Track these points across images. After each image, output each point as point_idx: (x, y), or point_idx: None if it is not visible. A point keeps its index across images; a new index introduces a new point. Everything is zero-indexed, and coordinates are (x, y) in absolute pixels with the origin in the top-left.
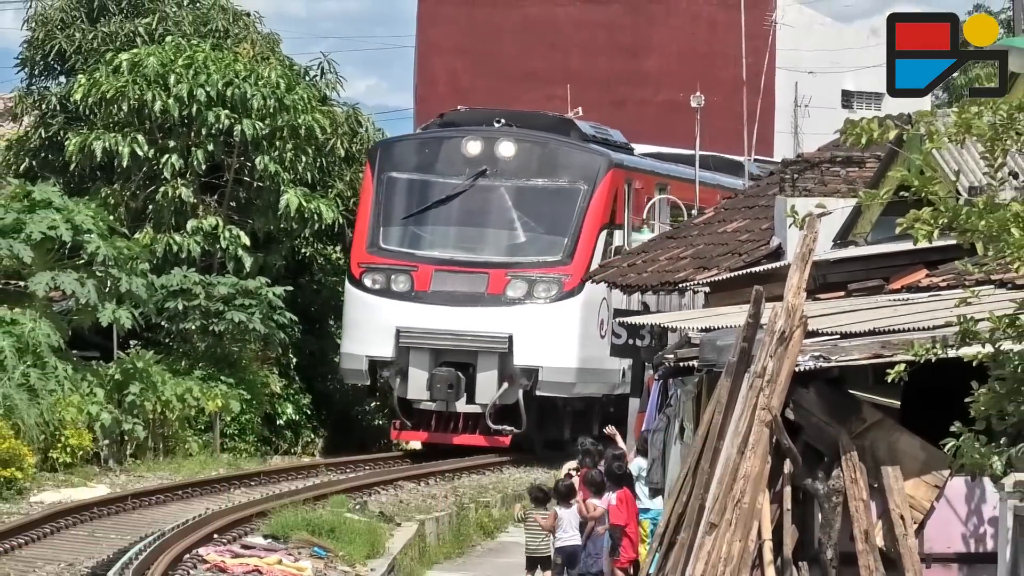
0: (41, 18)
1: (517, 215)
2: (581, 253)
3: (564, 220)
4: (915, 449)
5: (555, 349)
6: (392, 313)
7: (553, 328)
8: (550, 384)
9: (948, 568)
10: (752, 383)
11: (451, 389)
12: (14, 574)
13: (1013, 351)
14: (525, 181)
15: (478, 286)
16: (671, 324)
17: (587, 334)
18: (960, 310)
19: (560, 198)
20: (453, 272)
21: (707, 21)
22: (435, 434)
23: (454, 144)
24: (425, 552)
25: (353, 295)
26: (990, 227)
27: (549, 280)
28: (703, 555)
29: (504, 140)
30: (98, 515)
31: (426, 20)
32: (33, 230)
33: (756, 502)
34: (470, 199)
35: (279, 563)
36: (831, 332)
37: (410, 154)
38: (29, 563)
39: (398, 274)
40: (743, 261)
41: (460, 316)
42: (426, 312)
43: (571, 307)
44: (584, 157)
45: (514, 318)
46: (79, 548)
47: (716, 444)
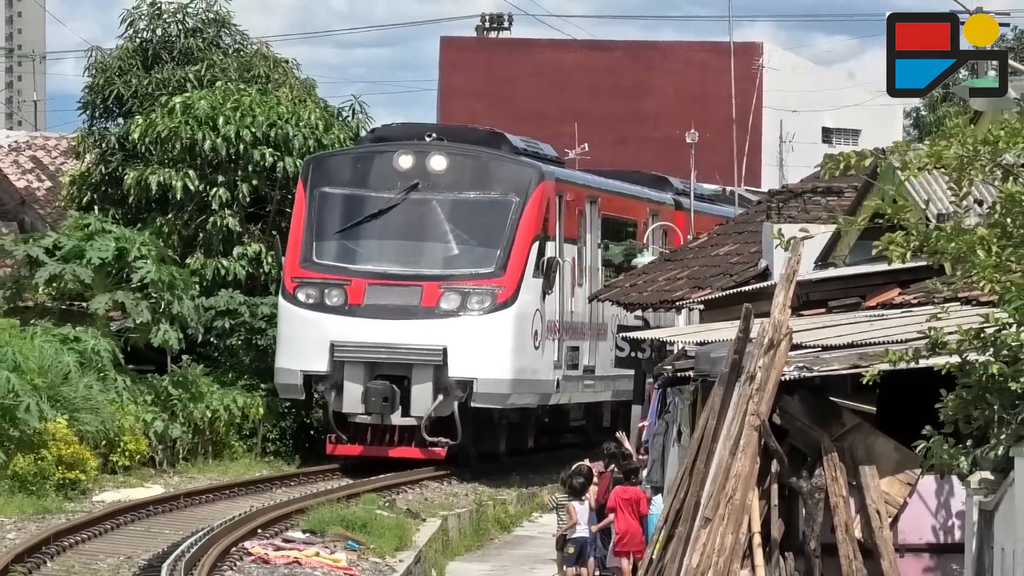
0: (101, 65)
1: (450, 228)
2: (514, 265)
3: (496, 232)
4: (889, 450)
5: (489, 360)
6: (326, 327)
7: (487, 340)
8: (485, 396)
9: (920, 557)
10: (742, 391)
11: (386, 402)
12: (78, 566)
13: (978, 361)
14: (457, 194)
15: (412, 299)
16: (669, 338)
17: (521, 345)
18: (930, 324)
19: (492, 210)
20: (387, 286)
21: (700, 66)
22: (370, 447)
23: (386, 158)
24: (448, 545)
25: (287, 310)
26: (957, 249)
27: (482, 292)
28: (699, 546)
29: (436, 154)
30: (153, 512)
31: (448, 66)
32: (92, 256)
33: (746, 498)
34: (403, 213)
35: (316, 555)
36: (813, 345)
37: (342, 169)
38: (92, 556)
39: (332, 288)
40: (734, 281)
41: (394, 329)
42: (360, 326)
43: (505, 318)
44: (515, 169)
45: (448, 330)
46: (136, 542)
47: (710, 446)
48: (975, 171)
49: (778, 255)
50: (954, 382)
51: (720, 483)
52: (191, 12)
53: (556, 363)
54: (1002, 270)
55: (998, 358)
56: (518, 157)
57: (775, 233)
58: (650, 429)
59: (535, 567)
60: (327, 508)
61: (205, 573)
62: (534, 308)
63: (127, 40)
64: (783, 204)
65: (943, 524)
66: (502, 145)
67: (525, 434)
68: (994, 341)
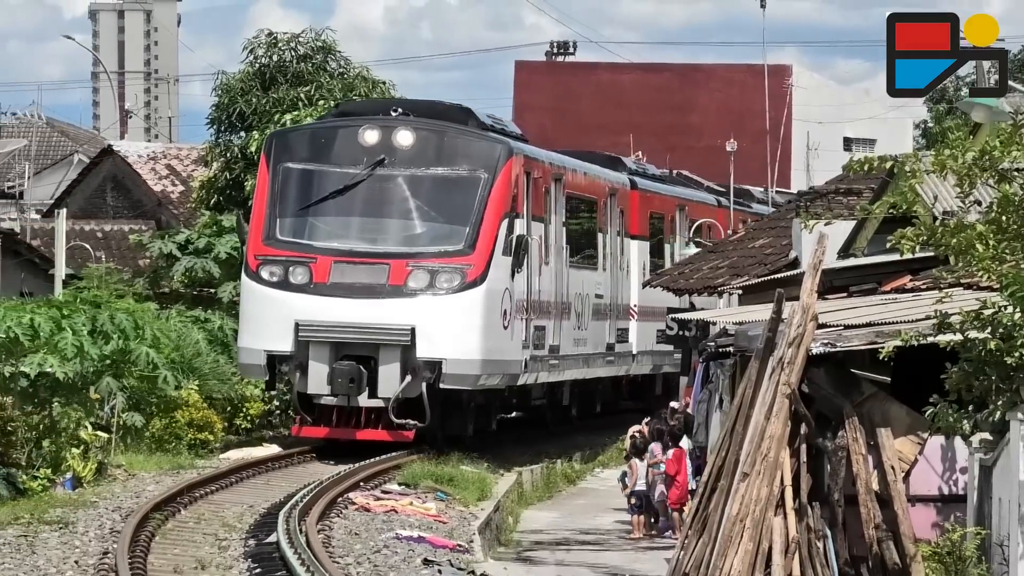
0: (225, 87)
1: (417, 204)
2: (483, 242)
3: (465, 209)
4: (902, 415)
5: (459, 341)
6: (290, 306)
7: (456, 319)
8: (454, 376)
9: (928, 507)
10: (775, 364)
11: (352, 383)
12: (208, 513)
13: (978, 339)
14: (425, 170)
15: (379, 277)
16: (712, 319)
17: (491, 325)
18: (936, 307)
19: (461, 187)
20: (353, 263)
21: (739, 85)
22: (336, 429)
23: (351, 133)
24: (522, 496)
25: (250, 288)
26: (960, 243)
27: (451, 270)
28: (738, 498)
29: (402, 129)
30: (271, 468)
31: (521, 86)
32: (220, 250)
33: (779, 456)
34: (369, 189)
35: (410, 504)
36: (836, 324)
37: (306, 144)
38: (219, 505)
39: (296, 266)
40: (768, 270)
41: (361, 308)
42: (326, 304)
43: (474, 298)
44: (484, 145)
45: (416, 310)
46: (257, 493)
47: (748, 412)
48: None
49: (806, 246)
50: (957, 356)
51: (756, 443)
52: (302, 41)
53: (524, 343)
54: (998, 261)
55: (995, 336)
56: (486, 133)
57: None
58: (696, 397)
59: (597, 515)
60: (419, 465)
61: (315, 519)
62: (504, 287)
63: (248, 65)
64: (810, 203)
65: (948, 478)
66: (469, 120)
67: (490, 415)
68: (992, 321)
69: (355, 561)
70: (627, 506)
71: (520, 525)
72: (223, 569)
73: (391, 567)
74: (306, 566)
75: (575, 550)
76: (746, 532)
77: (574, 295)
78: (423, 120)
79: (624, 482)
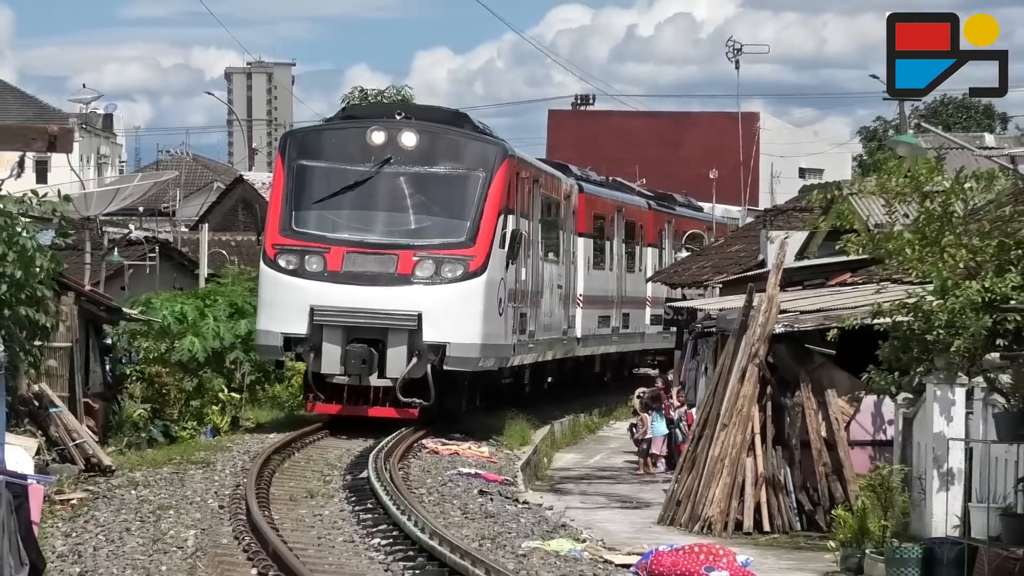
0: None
1: (422, 200)
2: (483, 236)
3: (467, 205)
4: (844, 380)
5: (461, 326)
6: (306, 292)
7: (459, 306)
8: (457, 359)
9: (864, 449)
10: (747, 341)
11: (364, 364)
12: (315, 455)
13: (904, 322)
14: (428, 168)
15: (388, 267)
16: (699, 306)
17: (489, 312)
18: (872, 298)
19: (462, 184)
20: (364, 253)
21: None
22: (348, 406)
23: (360, 133)
24: (555, 442)
25: (268, 275)
26: (892, 248)
27: (455, 261)
28: (719, 443)
29: (407, 130)
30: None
31: (552, 129)
32: None
33: (750, 411)
34: (378, 185)
35: (469, 448)
36: (794, 311)
37: (318, 143)
38: (323, 449)
39: (311, 255)
40: (741, 268)
41: (372, 295)
42: (339, 291)
43: (476, 286)
44: (482, 146)
45: (423, 297)
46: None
47: (726, 377)
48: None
49: (771, 251)
50: (887, 335)
51: (733, 401)
52: (386, 95)
53: (513, 329)
54: (921, 261)
55: (917, 319)
56: (482, 135)
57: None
58: (687, 366)
59: (612, 456)
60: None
61: (397, 459)
62: (500, 277)
63: None
64: (773, 218)
65: (879, 427)
66: (464, 124)
67: (475, 393)
68: (915, 308)
69: (426, 491)
70: (636, 450)
71: (552, 464)
72: (326, 497)
73: (454, 496)
74: (389, 495)
75: (594, 483)
76: (725, 469)
77: (545, 286)
78: (425, 123)
79: (633, 432)
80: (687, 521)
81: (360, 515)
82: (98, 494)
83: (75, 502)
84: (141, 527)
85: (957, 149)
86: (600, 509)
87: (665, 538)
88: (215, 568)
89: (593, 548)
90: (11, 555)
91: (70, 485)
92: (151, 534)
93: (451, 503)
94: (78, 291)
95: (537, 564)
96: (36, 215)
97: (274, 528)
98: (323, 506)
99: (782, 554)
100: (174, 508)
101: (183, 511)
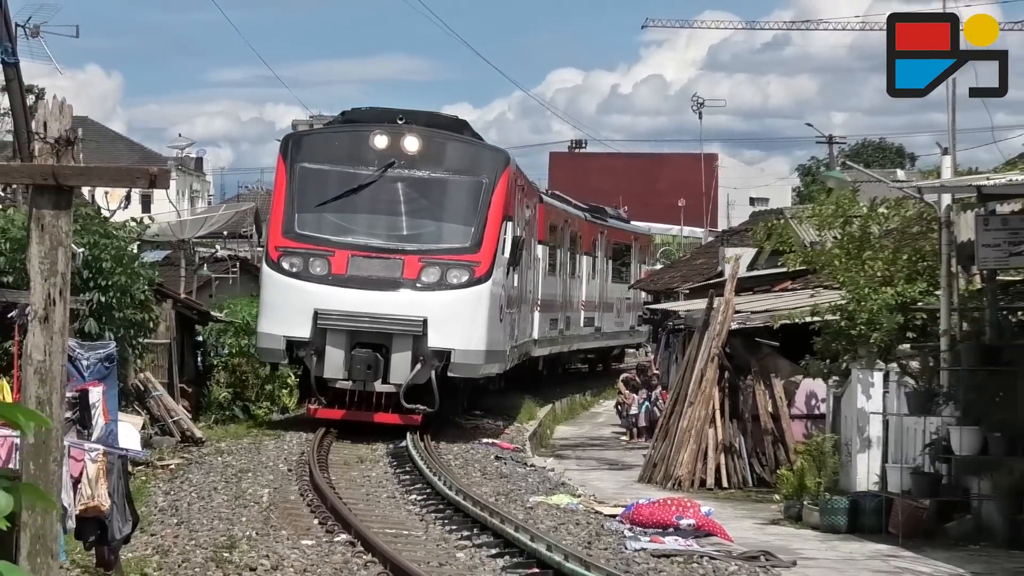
0: None
1: (427, 205)
2: (488, 242)
3: (472, 211)
4: (787, 366)
5: (466, 333)
6: (310, 295)
7: (465, 313)
8: (461, 366)
9: (802, 421)
10: (709, 336)
11: (370, 370)
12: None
13: (833, 319)
14: (432, 173)
15: (393, 271)
16: (671, 308)
17: (493, 319)
18: (809, 300)
19: (467, 190)
20: (369, 258)
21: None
22: (352, 412)
23: (362, 137)
24: (555, 418)
25: (271, 277)
26: (824, 261)
27: (461, 267)
28: (686, 417)
29: (410, 135)
30: None
31: (553, 169)
32: None
33: (712, 391)
34: (382, 189)
35: (487, 423)
36: (746, 311)
37: (321, 146)
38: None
39: (315, 258)
40: (704, 278)
41: (377, 299)
42: (343, 295)
43: (481, 293)
44: (486, 153)
45: (428, 302)
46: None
47: (693, 364)
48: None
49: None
50: (821, 330)
51: (697, 383)
52: None
53: (509, 335)
54: (847, 272)
55: (843, 318)
56: (484, 142)
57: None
58: (661, 356)
59: (602, 428)
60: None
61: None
62: (502, 283)
63: None
64: (729, 238)
65: (815, 403)
66: (464, 131)
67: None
68: (841, 309)
69: (453, 457)
70: (620, 423)
71: (553, 435)
72: (372, 462)
73: (476, 460)
74: (424, 459)
75: (588, 449)
76: (692, 438)
77: (524, 292)
78: (428, 128)
79: (618, 408)
80: (662, 480)
81: (400, 476)
82: (191, 460)
83: (173, 467)
84: (226, 486)
85: (875, 182)
86: (592, 471)
87: (644, 493)
88: (285, 519)
89: (587, 501)
90: (119, 513)
91: (169, 453)
92: (234, 492)
93: (473, 466)
94: (175, 298)
95: (542, 515)
96: (147, 239)
97: (331, 487)
98: (371, 469)
99: (738, 505)
100: (252, 471)
101: (259, 473)
